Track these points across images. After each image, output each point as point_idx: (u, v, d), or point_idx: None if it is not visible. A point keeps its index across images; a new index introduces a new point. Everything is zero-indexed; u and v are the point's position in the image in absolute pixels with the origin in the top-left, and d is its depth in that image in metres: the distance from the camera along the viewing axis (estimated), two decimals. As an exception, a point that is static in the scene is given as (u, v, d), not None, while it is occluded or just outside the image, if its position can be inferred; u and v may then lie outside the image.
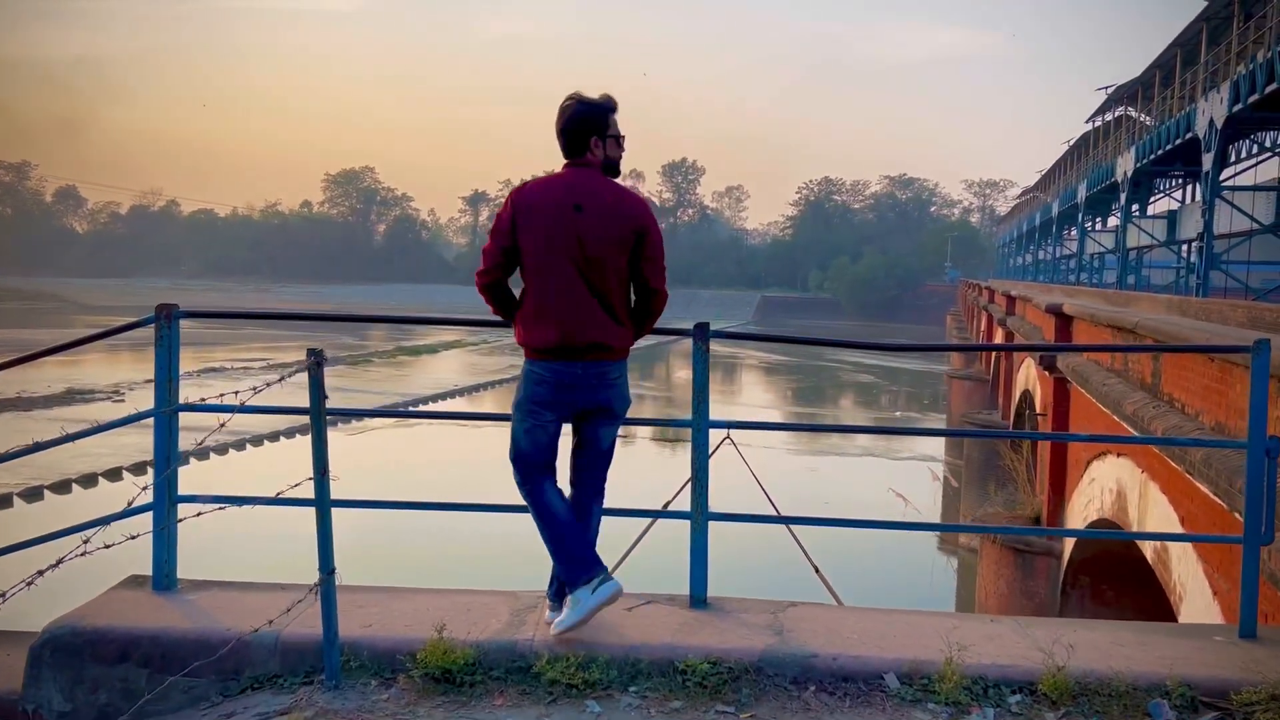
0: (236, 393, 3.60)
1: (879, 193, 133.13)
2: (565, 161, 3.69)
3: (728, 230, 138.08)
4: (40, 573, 3.09)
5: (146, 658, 3.55)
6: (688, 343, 3.90)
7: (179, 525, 4.04)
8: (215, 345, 53.62)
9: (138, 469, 21.84)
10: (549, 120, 3.67)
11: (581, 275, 3.54)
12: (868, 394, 51.33)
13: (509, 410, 3.76)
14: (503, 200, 4.60)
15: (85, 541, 3.18)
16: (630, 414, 3.78)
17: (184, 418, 4.03)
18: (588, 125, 3.63)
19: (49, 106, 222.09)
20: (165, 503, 3.95)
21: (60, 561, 3.09)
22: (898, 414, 44.71)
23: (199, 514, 3.78)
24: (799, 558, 4.36)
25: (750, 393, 49.18)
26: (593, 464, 3.80)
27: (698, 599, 3.92)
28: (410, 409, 33.09)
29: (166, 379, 3.91)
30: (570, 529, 3.64)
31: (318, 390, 3.26)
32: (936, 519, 22.74)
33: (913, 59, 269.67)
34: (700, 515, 3.90)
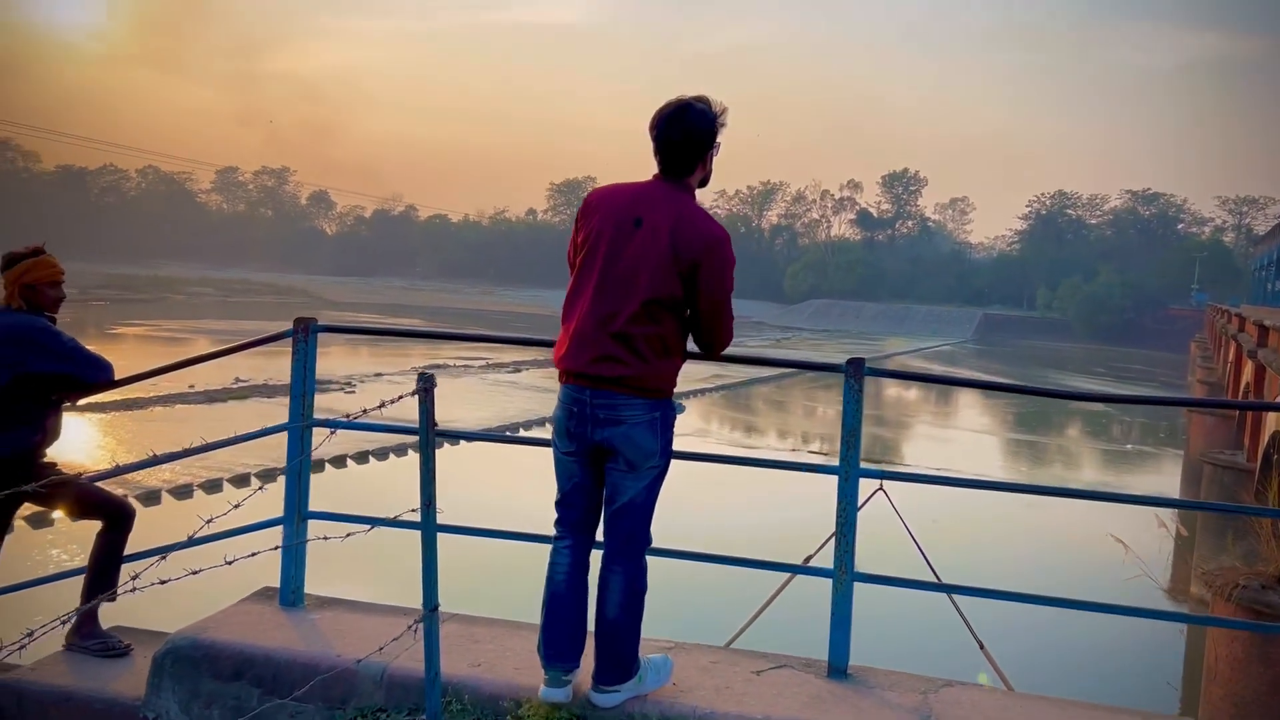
0: (366, 410, 3.50)
1: (1118, 208, 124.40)
2: (658, 176, 3.12)
3: (950, 243, 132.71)
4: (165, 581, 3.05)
5: (259, 677, 3.49)
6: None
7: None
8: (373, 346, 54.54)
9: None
10: (773, 130, 3.22)
11: None
12: (1097, 423, 47.79)
13: None
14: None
15: (229, 562, 3.15)
16: (765, 454, 3.41)
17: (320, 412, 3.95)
18: (705, 139, 3.07)
19: (307, 116, 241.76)
20: (295, 518, 3.90)
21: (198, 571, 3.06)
22: (1129, 447, 41.39)
23: (325, 537, 3.70)
24: (954, 621, 3.82)
25: (965, 415, 46.94)
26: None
27: (836, 668, 3.49)
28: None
29: (301, 392, 3.86)
30: None
31: (427, 417, 3.07)
32: (1161, 572, 20.72)
33: (1162, 65, 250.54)
34: (845, 575, 3.47)
